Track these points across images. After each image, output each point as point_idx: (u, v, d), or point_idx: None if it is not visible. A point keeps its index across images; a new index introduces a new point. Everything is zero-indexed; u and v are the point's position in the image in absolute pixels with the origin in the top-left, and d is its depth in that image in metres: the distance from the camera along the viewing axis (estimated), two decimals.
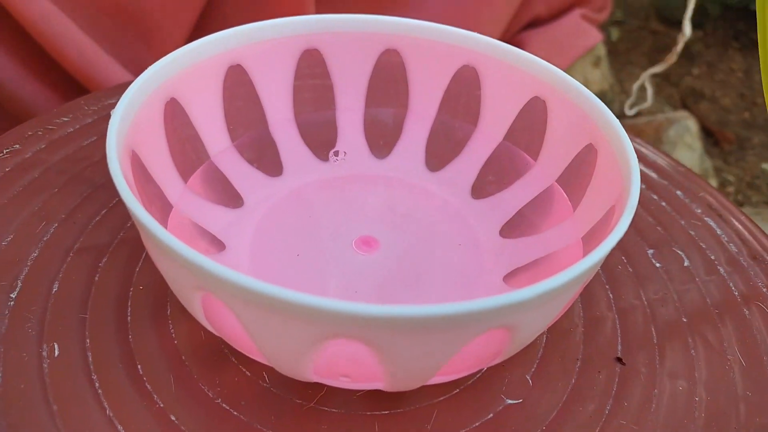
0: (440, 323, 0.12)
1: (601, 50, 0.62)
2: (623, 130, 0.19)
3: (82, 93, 0.40)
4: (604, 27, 0.70)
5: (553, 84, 0.21)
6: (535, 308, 0.14)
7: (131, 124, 0.17)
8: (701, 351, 0.21)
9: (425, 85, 0.24)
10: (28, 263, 0.21)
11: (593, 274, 0.16)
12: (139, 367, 0.18)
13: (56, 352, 0.18)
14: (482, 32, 0.23)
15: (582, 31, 0.61)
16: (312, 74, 0.24)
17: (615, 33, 0.82)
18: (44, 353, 0.18)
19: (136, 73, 0.38)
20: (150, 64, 0.19)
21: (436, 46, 0.23)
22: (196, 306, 0.15)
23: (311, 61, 0.24)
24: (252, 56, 0.22)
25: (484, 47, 0.22)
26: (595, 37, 0.61)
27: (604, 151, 0.19)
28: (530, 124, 0.23)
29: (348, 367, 0.15)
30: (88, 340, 0.19)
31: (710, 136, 0.68)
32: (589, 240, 0.19)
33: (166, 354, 0.19)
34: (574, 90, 0.20)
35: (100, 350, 0.19)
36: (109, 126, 0.16)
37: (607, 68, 0.61)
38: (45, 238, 0.22)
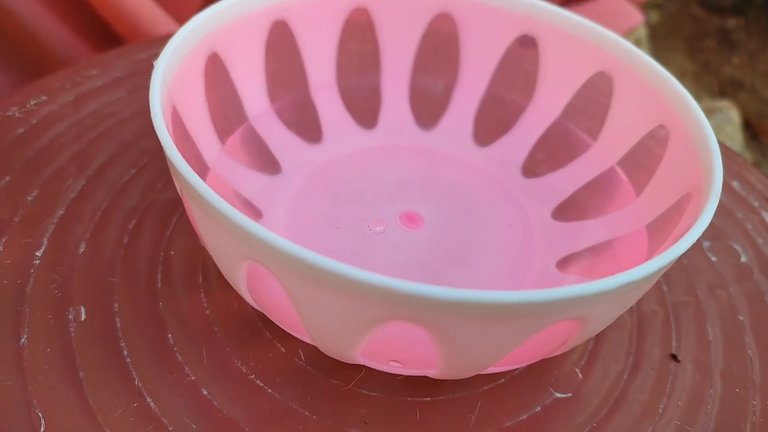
0: (515, 311, 0.11)
1: (642, 32, 0.60)
2: (701, 111, 0.17)
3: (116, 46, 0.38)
4: (642, 9, 0.67)
5: (623, 59, 0.19)
6: (613, 300, 0.12)
7: (174, 77, 0.16)
8: (757, 353, 0.20)
9: (478, 54, 0.23)
10: (54, 221, 0.20)
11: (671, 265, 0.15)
12: (169, 336, 0.17)
13: (83, 316, 0.17)
14: None
15: (623, 10, 0.59)
16: (357, 37, 0.23)
17: (654, 16, 0.79)
18: (71, 317, 0.17)
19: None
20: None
21: (492, 12, 0.22)
22: (239, 276, 0.14)
23: (357, 23, 0.23)
24: (298, 12, 0.21)
25: (546, 15, 0.21)
26: (636, 17, 0.59)
27: (677, 133, 0.18)
28: (591, 101, 0.21)
29: (401, 351, 0.14)
30: (116, 305, 0.18)
31: (748, 127, 0.66)
32: (656, 229, 0.17)
33: (198, 324, 0.18)
34: (646, 66, 0.19)
35: (129, 316, 0.18)
36: (152, 78, 0.15)
37: (648, 51, 0.59)
38: (72, 196, 0.21)
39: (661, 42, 0.76)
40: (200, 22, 0.17)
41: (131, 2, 0.35)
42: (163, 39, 0.28)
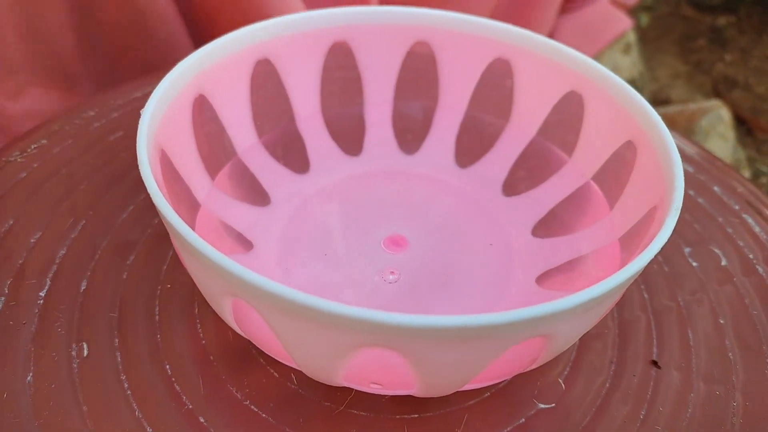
0: (476, 333, 0.12)
1: (631, 37, 0.61)
2: (666, 127, 0.18)
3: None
4: (633, 13, 0.68)
5: (591, 78, 0.20)
6: (574, 317, 0.13)
7: (161, 121, 0.17)
8: (738, 354, 0.20)
9: (456, 79, 0.24)
10: (57, 261, 0.21)
11: (633, 280, 0.15)
12: (167, 367, 0.18)
13: (85, 352, 0.18)
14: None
15: (612, 17, 0.59)
16: (339, 67, 0.24)
17: (644, 19, 0.80)
18: (74, 353, 0.18)
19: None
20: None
21: (467, 38, 0.23)
22: (226, 310, 0.15)
23: (338, 54, 0.24)
24: (280, 50, 0.22)
25: (518, 39, 0.22)
26: (625, 23, 0.60)
27: (644, 148, 0.18)
28: (565, 120, 0.22)
29: (379, 374, 0.15)
30: (116, 340, 0.19)
31: (743, 124, 0.66)
32: (628, 241, 0.18)
33: (195, 354, 0.19)
34: (613, 85, 0.20)
35: (129, 350, 0.19)
36: (140, 125, 0.16)
37: (637, 55, 0.60)
38: (73, 236, 0.22)
39: (652, 44, 0.76)
40: (185, 67, 0.18)
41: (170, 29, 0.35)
42: (157, 78, 0.30)
